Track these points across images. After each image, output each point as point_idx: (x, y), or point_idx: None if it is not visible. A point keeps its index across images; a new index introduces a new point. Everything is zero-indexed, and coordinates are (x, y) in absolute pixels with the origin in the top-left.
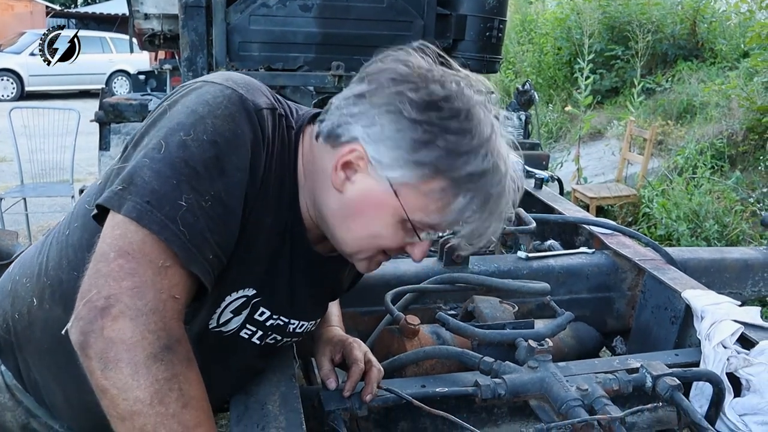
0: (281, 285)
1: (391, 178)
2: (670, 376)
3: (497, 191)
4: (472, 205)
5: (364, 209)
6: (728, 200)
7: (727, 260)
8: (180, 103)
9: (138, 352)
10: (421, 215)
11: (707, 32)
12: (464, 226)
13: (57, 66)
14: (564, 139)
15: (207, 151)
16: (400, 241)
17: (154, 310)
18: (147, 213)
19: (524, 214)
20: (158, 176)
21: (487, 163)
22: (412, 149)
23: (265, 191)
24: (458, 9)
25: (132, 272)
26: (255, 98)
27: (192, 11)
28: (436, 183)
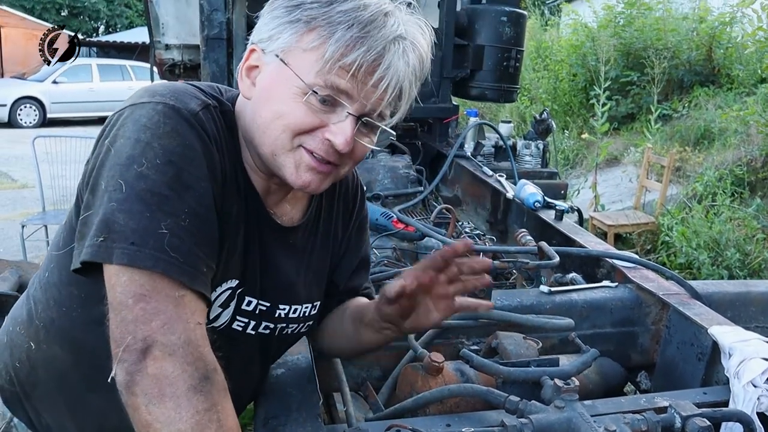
0: (258, 268)
1: (275, 49)
2: (699, 416)
3: (378, 17)
4: (351, 32)
5: (266, 96)
6: (749, 228)
7: (752, 293)
8: (121, 137)
9: (180, 385)
10: (312, 74)
11: (723, 58)
12: (351, 54)
13: (78, 93)
14: (581, 166)
15: (166, 173)
16: (311, 119)
17: (188, 342)
18: (136, 254)
19: (547, 248)
20: (131, 215)
21: (360, 5)
22: (287, 13)
23: (225, 185)
24: (476, 39)
25: (156, 311)
26: (187, 104)
27: (213, 43)
28: (313, 33)
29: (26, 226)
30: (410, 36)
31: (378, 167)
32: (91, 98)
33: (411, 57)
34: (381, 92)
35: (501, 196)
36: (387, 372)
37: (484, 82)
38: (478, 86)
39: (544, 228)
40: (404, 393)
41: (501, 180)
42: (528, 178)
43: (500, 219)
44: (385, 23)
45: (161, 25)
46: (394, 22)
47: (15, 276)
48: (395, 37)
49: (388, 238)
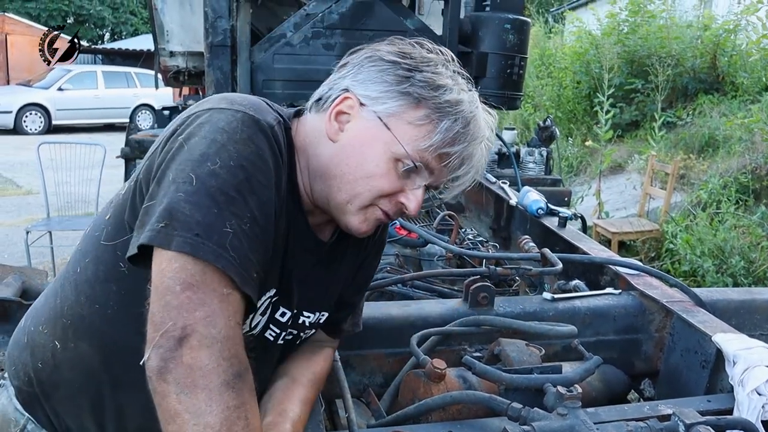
0: (293, 279)
1: (380, 111)
2: (703, 424)
3: (474, 116)
4: (456, 126)
5: (357, 148)
6: (754, 236)
7: (757, 301)
8: (197, 135)
9: (213, 378)
10: (411, 146)
11: (728, 66)
12: (454, 147)
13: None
14: (584, 173)
15: (236, 175)
16: (395, 182)
17: (227, 337)
18: (200, 245)
19: (550, 255)
20: (199, 208)
21: (461, 96)
22: (396, 82)
23: (281, 200)
24: (479, 47)
25: (201, 302)
26: (265, 117)
27: (218, 50)
28: (420, 110)
29: (30, 232)
30: (488, 134)
31: None
32: (96, 105)
33: (486, 153)
34: (457, 178)
35: (504, 203)
36: (389, 379)
37: (488, 89)
38: (481, 93)
39: (548, 235)
40: (406, 400)
41: (504, 187)
42: (531, 185)
43: (503, 226)
44: (478, 123)
45: (166, 32)
46: (482, 121)
47: (18, 282)
48: (483, 138)
49: (390, 244)
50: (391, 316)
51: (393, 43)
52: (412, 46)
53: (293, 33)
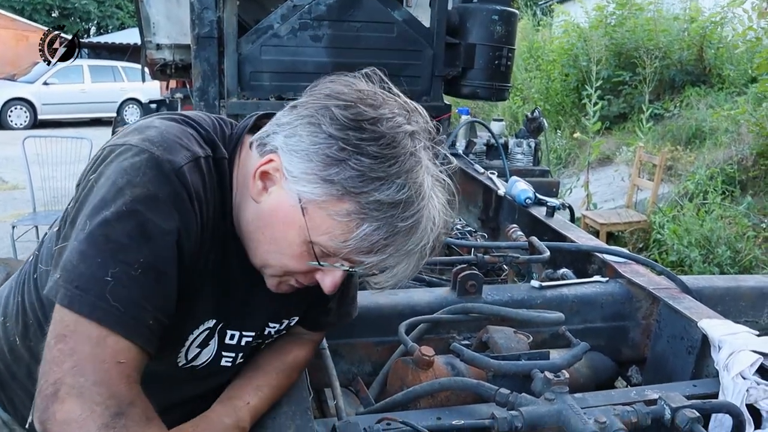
0: (239, 305)
1: (301, 192)
2: (689, 408)
3: (407, 225)
4: (377, 234)
5: (272, 222)
6: (740, 226)
7: (742, 288)
8: (103, 176)
9: (89, 426)
10: (325, 238)
11: (714, 58)
12: (369, 257)
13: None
14: (573, 165)
15: (128, 222)
16: (304, 266)
17: (97, 383)
18: (77, 297)
19: (538, 243)
20: (83, 258)
21: (400, 195)
22: (324, 165)
23: (203, 237)
24: (467, 38)
25: (70, 353)
26: (172, 157)
27: (204, 42)
28: (343, 205)
29: (17, 226)
30: (434, 234)
31: None
32: (82, 99)
33: (419, 263)
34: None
35: (492, 194)
36: (378, 367)
37: (476, 81)
38: (469, 85)
39: (536, 224)
40: (395, 387)
41: (492, 177)
42: (520, 176)
43: (492, 216)
44: (412, 232)
45: (152, 24)
46: (422, 230)
47: (2, 273)
48: (416, 251)
49: None
50: (379, 304)
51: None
52: (382, 99)
53: (280, 24)
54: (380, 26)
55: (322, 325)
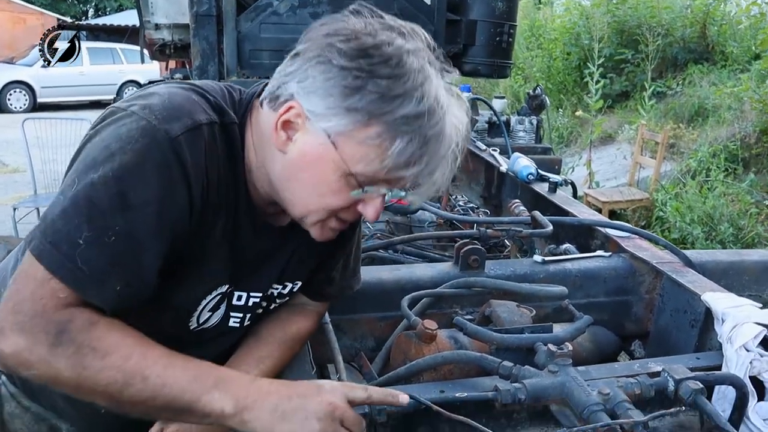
0: (250, 268)
1: (327, 128)
2: (692, 379)
3: (435, 132)
4: (411, 147)
5: (306, 167)
6: (743, 203)
7: (746, 262)
8: (99, 136)
9: (39, 350)
10: (362, 166)
11: (717, 35)
12: (409, 170)
13: (68, 77)
14: (575, 144)
15: (111, 188)
16: (347, 199)
17: (34, 315)
18: (47, 252)
19: (540, 217)
20: (63, 215)
21: (422, 106)
22: (344, 96)
23: (208, 205)
24: (468, 14)
25: (15, 292)
26: (169, 126)
27: (203, 20)
28: (371, 129)
29: (18, 208)
30: (457, 138)
31: None
32: (81, 82)
33: (453, 167)
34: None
35: (494, 170)
36: (381, 343)
37: (477, 58)
38: (470, 62)
39: (538, 200)
40: (398, 361)
41: (494, 154)
42: (522, 153)
43: (494, 193)
44: (441, 137)
45: (150, 4)
46: (449, 132)
47: (3, 251)
48: (448, 154)
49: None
50: (382, 280)
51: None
52: (380, 25)
53: (280, 2)
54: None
55: (324, 296)
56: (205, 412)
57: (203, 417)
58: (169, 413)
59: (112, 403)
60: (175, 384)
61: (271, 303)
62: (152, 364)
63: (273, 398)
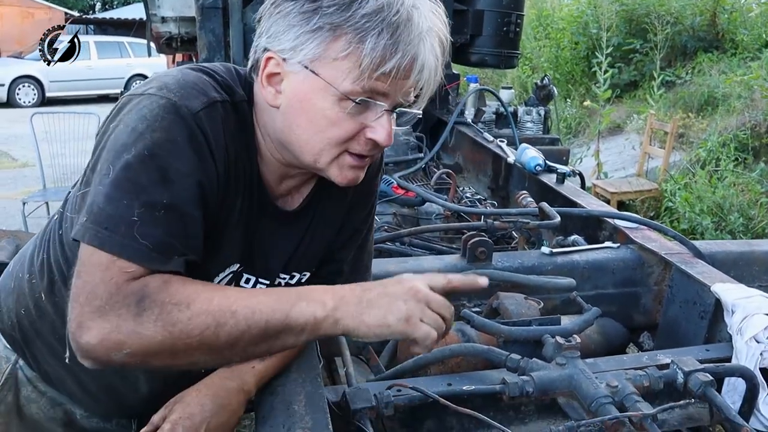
0: (259, 251)
1: (302, 60)
2: (702, 371)
3: (401, 18)
4: (381, 39)
5: (300, 108)
6: (753, 192)
7: (756, 253)
8: (122, 123)
9: (126, 325)
10: (348, 82)
11: (727, 23)
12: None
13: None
14: (583, 134)
15: (149, 165)
16: (352, 125)
17: (109, 296)
18: (106, 238)
19: (548, 209)
20: (109, 200)
21: (379, 1)
22: (304, 22)
23: (228, 181)
24: (475, 4)
25: (84, 285)
26: (189, 102)
27: (209, 12)
28: (340, 41)
29: (27, 203)
30: (434, 26)
31: None
32: (89, 76)
33: (437, 48)
34: (414, 86)
35: (502, 162)
36: None
37: (484, 48)
38: (477, 52)
39: (546, 192)
40: (405, 355)
41: (502, 145)
42: (530, 143)
43: (502, 185)
44: (410, 21)
45: None
46: (419, 16)
47: (12, 245)
48: (424, 34)
49: (388, 204)
50: (389, 272)
51: None
52: None
53: None
54: None
55: None
56: (299, 323)
57: (299, 331)
58: (266, 342)
59: (211, 354)
60: (263, 308)
61: None
62: (235, 298)
63: (356, 292)
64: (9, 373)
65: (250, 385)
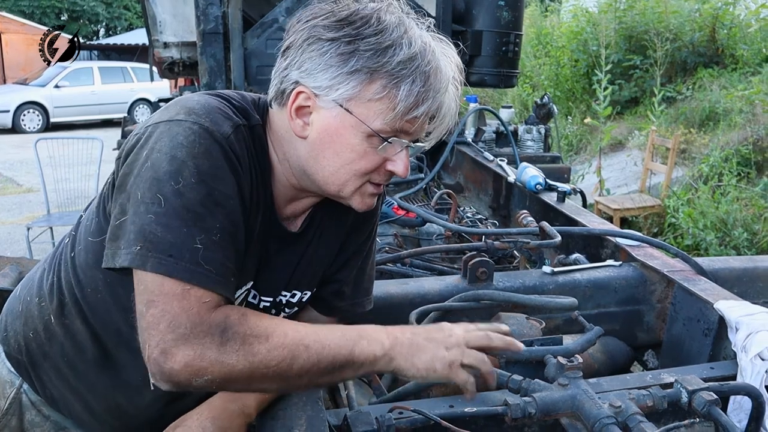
0: (266, 270)
1: (337, 98)
2: (706, 390)
3: (432, 67)
4: (416, 86)
5: (329, 142)
6: (757, 207)
7: (759, 269)
8: (157, 151)
9: (210, 354)
10: (379, 121)
11: (727, 38)
12: (419, 108)
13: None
14: (585, 152)
15: (199, 191)
16: (375, 159)
17: (193, 326)
18: (173, 265)
19: (549, 228)
20: (169, 229)
21: (413, 49)
22: (342, 63)
23: (251, 201)
24: (474, 25)
25: (162, 314)
26: (220, 126)
27: (210, 38)
28: (375, 84)
29: (31, 228)
30: (455, 74)
31: None
32: (93, 101)
33: (455, 92)
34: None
35: (503, 181)
36: None
37: (483, 68)
38: (477, 72)
39: (547, 210)
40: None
41: (502, 164)
42: (530, 162)
43: (503, 204)
44: (439, 70)
45: (158, 23)
46: (445, 65)
47: (15, 272)
48: (448, 82)
49: (389, 225)
50: (390, 294)
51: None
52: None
53: (285, 17)
54: None
55: (334, 310)
56: (360, 360)
57: (359, 366)
58: (331, 375)
59: (282, 383)
60: (331, 343)
61: (280, 312)
62: (305, 333)
63: (407, 335)
64: (13, 397)
65: (251, 409)
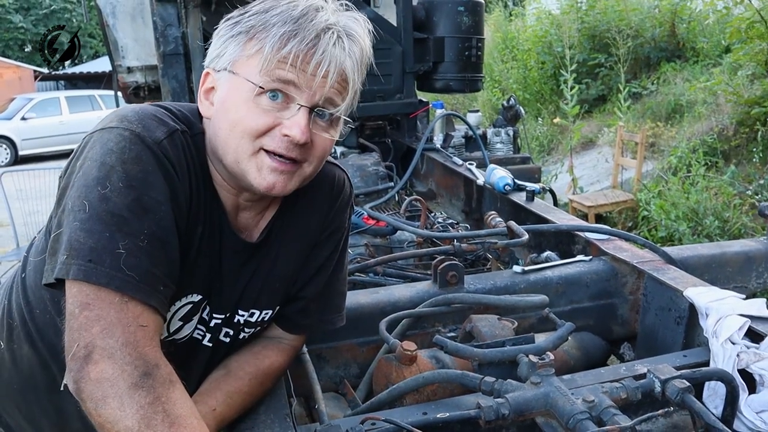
0: (220, 283)
1: (225, 65)
2: (678, 378)
3: (303, 11)
4: (282, 29)
5: (223, 110)
6: (726, 195)
7: (727, 254)
8: (89, 159)
9: (120, 384)
10: (258, 73)
11: (687, 32)
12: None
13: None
14: (556, 152)
15: (127, 196)
16: (265, 118)
17: (126, 344)
18: (92, 271)
19: (516, 227)
20: (91, 234)
21: (290, 5)
22: (228, 30)
23: (190, 208)
24: (435, 32)
25: (97, 318)
26: (152, 132)
27: (171, 59)
28: (253, 40)
29: (1, 263)
30: (342, 25)
31: (346, 167)
32: (62, 131)
33: (347, 43)
34: (322, 77)
35: (473, 184)
36: (364, 369)
37: (448, 74)
38: (442, 78)
39: (518, 210)
40: (380, 386)
41: (471, 168)
42: (500, 164)
43: (475, 207)
44: (315, 16)
45: (120, 48)
46: (325, 13)
47: None
48: (326, 26)
49: (360, 235)
50: (360, 304)
51: None
52: None
53: None
54: None
55: (300, 328)
56: None
57: None
58: None
59: None
60: None
61: (239, 332)
62: None
63: None
64: None
65: (211, 429)
